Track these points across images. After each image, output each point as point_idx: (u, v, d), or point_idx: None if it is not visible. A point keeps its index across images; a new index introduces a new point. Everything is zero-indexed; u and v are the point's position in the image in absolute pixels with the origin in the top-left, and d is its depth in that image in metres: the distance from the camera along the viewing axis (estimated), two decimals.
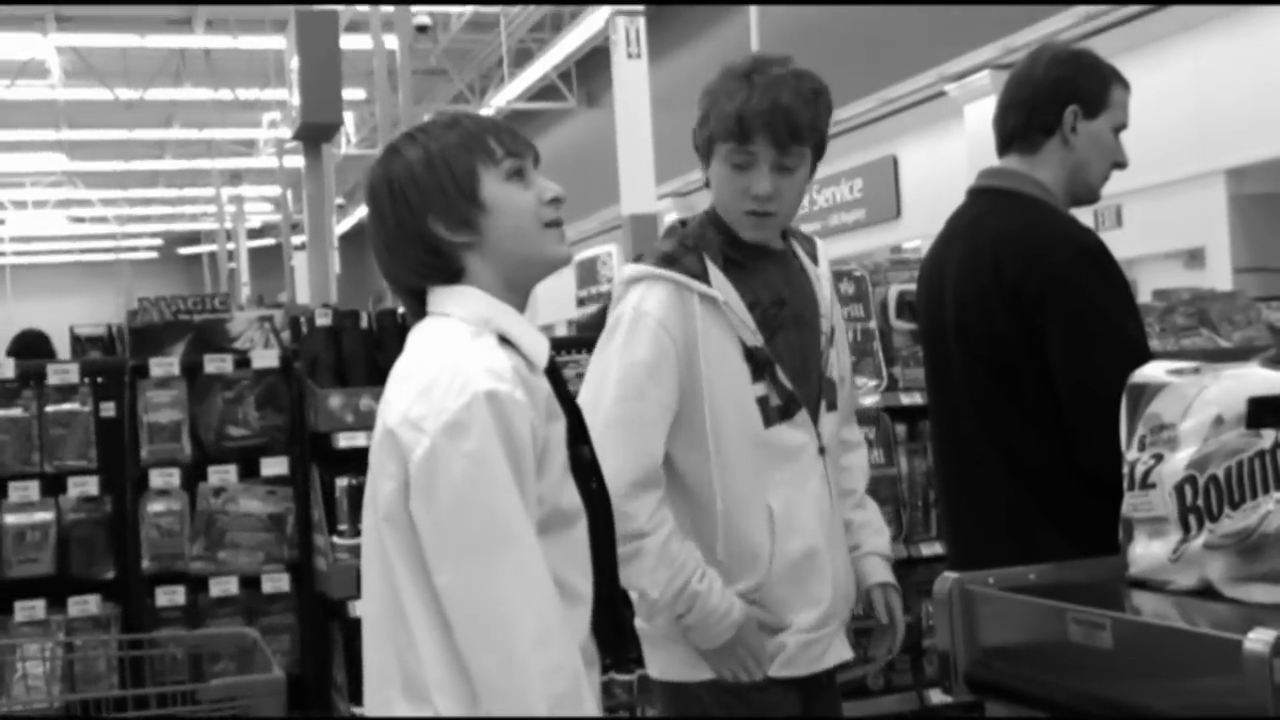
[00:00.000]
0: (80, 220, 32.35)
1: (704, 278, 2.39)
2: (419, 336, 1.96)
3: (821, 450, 2.47)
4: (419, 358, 1.89)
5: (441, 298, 1.95)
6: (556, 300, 19.36)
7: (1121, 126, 2.79)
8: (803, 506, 2.43)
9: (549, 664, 1.74)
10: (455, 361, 1.82)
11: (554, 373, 1.98)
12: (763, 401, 2.39)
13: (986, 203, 2.79)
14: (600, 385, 2.40)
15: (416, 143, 1.95)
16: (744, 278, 2.43)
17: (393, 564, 1.82)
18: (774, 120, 2.34)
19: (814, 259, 2.59)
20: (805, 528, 2.43)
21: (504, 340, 1.90)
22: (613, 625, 1.99)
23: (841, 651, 2.55)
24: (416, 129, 2.00)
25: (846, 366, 2.66)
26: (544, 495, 1.85)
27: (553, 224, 1.96)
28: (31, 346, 7.07)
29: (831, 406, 2.52)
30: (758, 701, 2.42)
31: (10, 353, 6.84)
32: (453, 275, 1.94)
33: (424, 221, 1.91)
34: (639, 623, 2.51)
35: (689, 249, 2.43)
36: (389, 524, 1.82)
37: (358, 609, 3.78)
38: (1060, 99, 2.74)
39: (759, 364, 2.39)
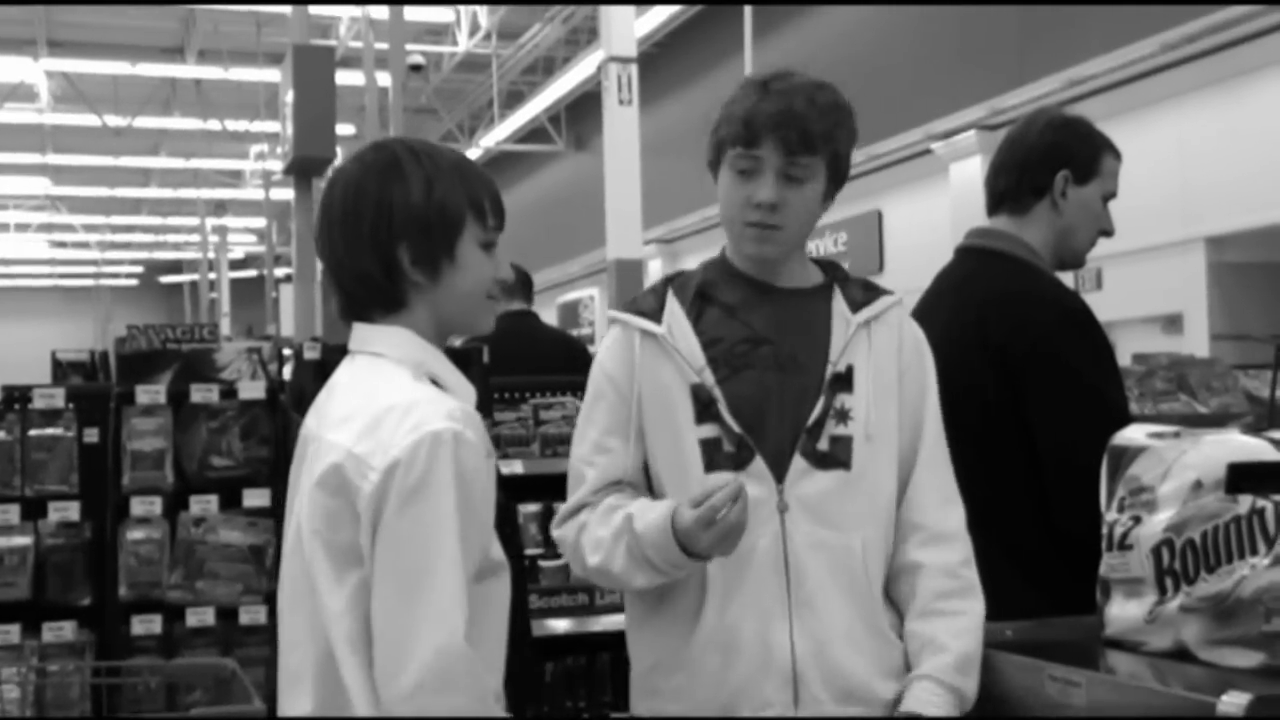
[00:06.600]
0: (62, 245, 32.29)
1: (657, 315, 2.27)
2: (356, 375, 1.94)
3: (783, 508, 2.14)
4: (361, 397, 1.88)
5: (373, 335, 1.96)
6: None
7: (1111, 195, 2.84)
8: (748, 571, 2.12)
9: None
10: (407, 400, 1.82)
11: None
12: (709, 444, 2.17)
13: (974, 263, 2.82)
14: None
15: (420, 167, 1.94)
16: (720, 316, 2.27)
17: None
18: (782, 123, 2.18)
19: (859, 307, 2.26)
20: (747, 595, 2.13)
21: (434, 384, 1.92)
22: (523, 670, 2.02)
23: None
24: (422, 150, 1.97)
25: (900, 426, 2.25)
26: (484, 542, 1.87)
27: (491, 298, 2.03)
28: None
29: (824, 462, 2.17)
30: None
31: None
32: (393, 305, 1.95)
33: (395, 246, 1.91)
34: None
35: (656, 290, 2.34)
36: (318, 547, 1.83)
37: None
38: (1052, 163, 2.79)
39: (704, 403, 2.19)
